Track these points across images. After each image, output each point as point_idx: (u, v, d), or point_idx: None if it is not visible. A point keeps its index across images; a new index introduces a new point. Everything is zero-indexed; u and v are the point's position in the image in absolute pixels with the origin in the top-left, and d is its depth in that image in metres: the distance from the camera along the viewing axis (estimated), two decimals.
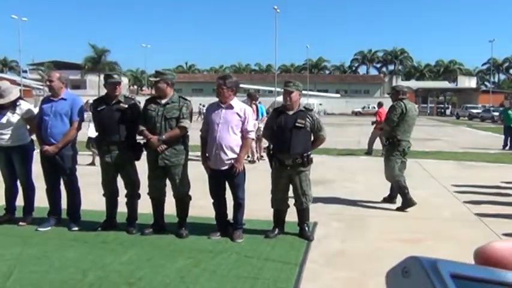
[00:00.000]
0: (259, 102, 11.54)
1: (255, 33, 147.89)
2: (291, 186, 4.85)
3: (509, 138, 14.65)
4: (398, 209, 6.11)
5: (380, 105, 12.90)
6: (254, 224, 5.06)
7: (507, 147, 14.47)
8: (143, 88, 77.51)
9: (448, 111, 54.96)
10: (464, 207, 6.29)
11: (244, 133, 4.67)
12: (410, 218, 5.79)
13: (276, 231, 4.87)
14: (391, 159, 6.18)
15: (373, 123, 12.57)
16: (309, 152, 4.79)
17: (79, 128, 5.08)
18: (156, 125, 4.70)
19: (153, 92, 5.04)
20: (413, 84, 67.79)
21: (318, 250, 4.48)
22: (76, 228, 5.00)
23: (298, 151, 4.68)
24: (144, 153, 4.92)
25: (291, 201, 4.90)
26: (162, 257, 4.22)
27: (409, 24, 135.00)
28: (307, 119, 4.74)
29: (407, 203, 6.05)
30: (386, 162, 6.32)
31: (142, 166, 5.00)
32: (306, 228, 4.87)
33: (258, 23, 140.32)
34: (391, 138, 6.23)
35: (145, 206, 5.01)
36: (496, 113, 36.09)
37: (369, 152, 12.40)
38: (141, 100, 5.14)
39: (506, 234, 4.94)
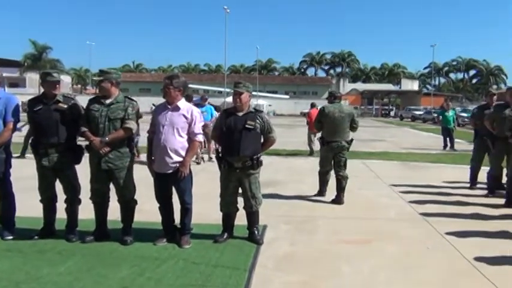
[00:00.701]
0: (209, 103, 11.38)
1: (204, 33, 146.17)
2: (240, 189, 4.76)
3: (448, 139, 15.34)
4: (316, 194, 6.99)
5: (312, 106, 13.39)
6: (202, 229, 4.92)
7: (447, 148, 15.12)
8: (87, 87, 74.96)
9: (392, 113, 56.96)
10: (409, 207, 6.44)
11: (191, 136, 4.51)
12: (357, 218, 5.85)
13: (225, 235, 4.76)
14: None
15: (307, 123, 13.07)
16: (259, 154, 4.71)
17: (14, 129, 4.73)
18: (99, 126, 4.45)
19: (98, 91, 4.77)
20: (360, 86, 69.98)
21: (267, 254, 4.41)
22: (10, 237, 4.65)
23: (248, 153, 4.59)
24: (86, 155, 4.65)
25: (240, 204, 4.81)
26: (104, 266, 3.99)
27: (356, 27, 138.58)
28: (257, 121, 4.66)
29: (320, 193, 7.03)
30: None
31: (83, 169, 4.72)
32: (256, 232, 4.79)
33: (207, 23, 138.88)
34: (321, 139, 6.87)
35: (86, 211, 4.74)
36: (435, 115, 37.80)
37: (310, 153, 12.55)
38: (85, 100, 4.86)
39: (448, 233, 5.07)
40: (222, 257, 4.25)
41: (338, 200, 6.57)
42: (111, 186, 4.63)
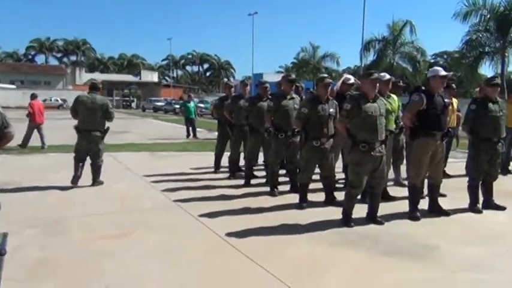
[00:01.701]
0: None
1: None
2: None
3: (190, 128, 16.38)
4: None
5: (33, 96, 12.85)
6: None
7: (190, 136, 16.13)
8: None
9: (133, 104, 57.14)
10: (162, 195, 6.60)
11: None
12: (113, 212, 5.67)
13: None
14: None
15: (27, 115, 12.42)
16: None
17: None
18: None
19: None
20: (98, 76, 67.29)
21: (13, 265, 3.83)
22: None
23: None
24: None
25: None
26: None
27: (90, 15, 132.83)
28: None
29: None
30: None
31: None
32: None
33: None
34: (76, 127, 7.17)
35: None
36: (177, 106, 39.82)
37: (23, 144, 11.68)
38: None
39: (201, 215, 5.42)
40: None
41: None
42: None
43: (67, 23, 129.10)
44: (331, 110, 5.87)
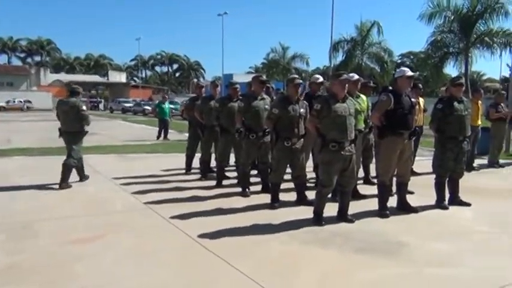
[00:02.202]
0: None
1: None
2: None
3: (163, 130, 16.17)
4: None
5: None
6: None
7: (161, 138, 15.92)
8: None
9: (101, 106, 56.04)
10: (133, 198, 6.51)
11: None
12: (83, 216, 5.55)
13: None
14: None
15: None
16: None
17: None
18: None
19: None
20: (64, 77, 65.92)
21: None
22: None
23: None
24: None
25: None
26: None
27: (55, 14, 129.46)
28: None
29: None
30: None
31: None
32: None
33: None
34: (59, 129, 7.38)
35: None
36: (147, 107, 39.39)
37: None
38: None
39: (173, 217, 5.37)
40: None
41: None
42: None
43: (30, 22, 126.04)
44: (301, 110, 5.91)
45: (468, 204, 6.13)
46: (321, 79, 6.72)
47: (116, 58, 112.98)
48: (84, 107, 7.44)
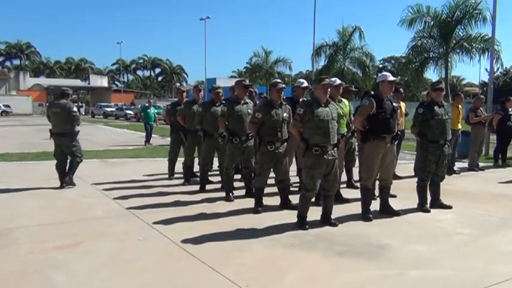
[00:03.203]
0: None
1: None
2: None
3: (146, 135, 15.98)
4: None
5: None
6: None
7: (145, 143, 15.75)
8: None
9: (82, 110, 55.26)
10: (115, 203, 6.43)
11: None
12: (63, 222, 5.46)
13: None
14: None
15: None
16: None
17: None
18: None
19: None
20: (44, 81, 64.93)
21: None
22: None
23: None
24: None
25: None
26: None
27: (35, 17, 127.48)
28: None
29: None
30: None
31: None
32: None
33: None
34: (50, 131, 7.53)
35: None
36: (129, 111, 39.09)
37: None
38: None
39: (156, 223, 5.32)
40: None
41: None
42: None
43: (9, 25, 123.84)
44: (284, 114, 5.92)
45: (449, 207, 6.21)
46: (305, 84, 6.75)
47: (97, 62, 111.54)
48: (75, 108, 7.64)
